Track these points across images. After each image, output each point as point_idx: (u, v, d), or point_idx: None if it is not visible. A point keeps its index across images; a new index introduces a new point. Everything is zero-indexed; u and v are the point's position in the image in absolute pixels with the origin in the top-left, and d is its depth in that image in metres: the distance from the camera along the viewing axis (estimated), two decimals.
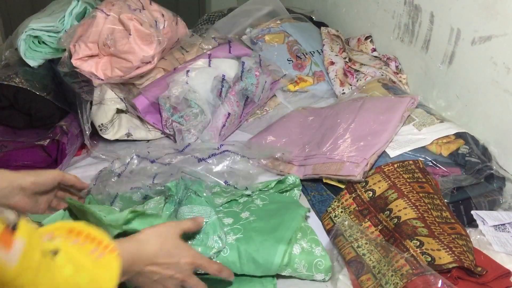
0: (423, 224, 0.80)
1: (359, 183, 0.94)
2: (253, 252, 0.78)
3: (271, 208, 0.89)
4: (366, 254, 0.80)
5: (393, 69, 1.35)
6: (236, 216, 0.86)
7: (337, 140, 1.03)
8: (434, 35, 1.18)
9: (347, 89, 1.37)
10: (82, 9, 1.35)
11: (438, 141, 1.00)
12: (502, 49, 0.97)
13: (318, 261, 0.79)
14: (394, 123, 1.03)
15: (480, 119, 1.07)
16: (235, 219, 0.85)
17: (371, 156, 0.96)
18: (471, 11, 1.04)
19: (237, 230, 0.82)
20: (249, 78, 1.23)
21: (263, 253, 0.77)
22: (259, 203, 0.91)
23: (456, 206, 0.91)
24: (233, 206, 0.91)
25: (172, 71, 1.27)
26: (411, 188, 0.87)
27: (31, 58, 1.25)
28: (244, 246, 0.78)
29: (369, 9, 1.48)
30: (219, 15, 1.76)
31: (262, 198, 0.93)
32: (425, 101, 1.22)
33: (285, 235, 0.80)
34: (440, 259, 0.73)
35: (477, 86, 1.06)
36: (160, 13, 1.34)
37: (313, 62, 1.48)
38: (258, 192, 0.94)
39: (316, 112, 1.23)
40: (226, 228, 0.82)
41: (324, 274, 0.80)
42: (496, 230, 0.86)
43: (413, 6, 1.25)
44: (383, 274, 0.74)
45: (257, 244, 0.78)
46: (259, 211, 0.88)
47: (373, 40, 1.46)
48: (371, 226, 0.86)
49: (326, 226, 0.93)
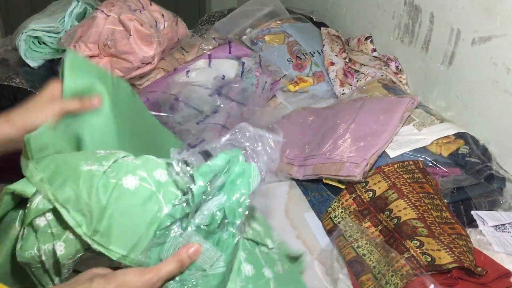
0: (423, 224, 0.80)
1: (359, 184, 0.94)
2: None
3: (290, 283, 0.71)
4: (366, 254, 0.80)
5: (393, 70, 1.35)
6: (258, 267, 0.64)
7: (337, 140, 1.03)
8: (434, 35, 1.18)
9: (347, 89, 1.37)
10: (82, 9, 1.35)
11: (438, 141, 1.00)
12: (502, 49, 0.97)
13: None
14: (394, 124, 1.03)
15: (480, 120, 1.07)
16: (257, 273, 0.63)
17: (371, 157, 0.96)
18: (471, 11, 1.04)
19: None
20: (249, 78, 1.23)
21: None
22: (280, 267, 0.70)
23: (456, 207, 0.91)
24: (255, 248, 0.68)
25: (172, 71, 1.28)
26: (411, 189, 0.87)
27: (31, 59, 1.25)
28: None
29: (369, 10, 1.48)
30: (219, 15, 1.76)
31: (283, 263, 0.72)
32: (425, 102, 1.22)
33: None
34: (440, 259, 0.73)
35: (477, 87, 1.06)
36: (160, 13, 1.35)
37: (313, 63, 1.48)
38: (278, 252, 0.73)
39: (316, 112, 1.23)
40: (240, 283, 0.60)
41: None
42: (496, 231, 0.86)
43: (413, 7, 1.25)
44: (383, 275, 0.74)
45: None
46: (281, 277, 0.68)
47: (373, 41, 1.46)
48: (371, 227, 0.86)
49: (326, 226, 0.93)
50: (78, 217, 0.57)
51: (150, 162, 0.63)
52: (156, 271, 0.54)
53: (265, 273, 0.64)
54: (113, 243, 0.57)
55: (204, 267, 0.58)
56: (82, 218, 0.57)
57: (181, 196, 0.59)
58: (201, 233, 0.58)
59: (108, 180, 0.58)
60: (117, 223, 0.57)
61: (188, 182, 0.58)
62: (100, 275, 0.54)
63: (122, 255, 0.57)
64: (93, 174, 0.59)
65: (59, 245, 0.58)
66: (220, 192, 0.60)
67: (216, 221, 0.59)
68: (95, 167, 0.60)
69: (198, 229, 0.58)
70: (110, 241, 0.57)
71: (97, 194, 0.57)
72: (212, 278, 0.58)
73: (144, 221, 0.58)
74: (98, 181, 0.58)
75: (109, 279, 0.53)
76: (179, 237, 0.58)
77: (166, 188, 0.60)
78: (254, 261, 0.64)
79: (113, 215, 0.57)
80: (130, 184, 0.59)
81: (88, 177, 0.58)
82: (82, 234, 0.57)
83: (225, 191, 0.60)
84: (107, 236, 0.57)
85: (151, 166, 0.62)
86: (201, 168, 0.59)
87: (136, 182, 0.59)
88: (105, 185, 0.58)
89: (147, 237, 0.57)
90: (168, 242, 0.57)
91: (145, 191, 0.59)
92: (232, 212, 0.59)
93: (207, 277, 0.58)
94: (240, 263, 0.61)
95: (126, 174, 0.59)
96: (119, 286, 0.52)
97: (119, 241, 0.57)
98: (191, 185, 0.57)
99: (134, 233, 0.58)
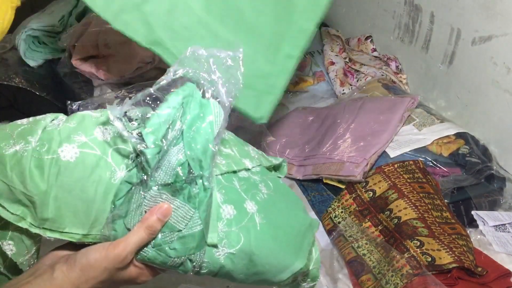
0: (423, 224, 0.80)
1: (359, 183, 0.94)
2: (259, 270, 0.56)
3: (278, 205, 0.63)
4: (366, 254, 0.80)
5: (393, 69, 1.35)
6: (239, 204, 0.56)
7: (337, 140, 1.03)
8: (434, 35, 1.18)
9: (347, 89, 1.37)
10: (82, 9, 1.35)
11: (438, 141, 1.00)
12: (502, 49, 0.97)
13: (312, 269, 0.63)
14: (394, 123, 1.03)
15: (481, 119, 1.07)
16: (239, 211, 0.55)
17: (371, 156, 0.96)
18: (471, 11, 1.04)
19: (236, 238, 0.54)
20: None
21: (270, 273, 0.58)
22: (264, 190, 0.62)
23: (457, 206, 0.91)
24: (233, 181, 0.59)
25: None
26: (412, 188, 0.87)
27: (31, 58, 1.25)
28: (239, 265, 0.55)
29: (369, 9, 1.47)
30: None
31: (267, 184, 0.64)
32: (426, 101, 1.22)
33: (299, 254, 0.60)
34: (440, 259, 0.73)
35: (477, 86, 1.06)
36: None
37: (313, 62, 1.48)
38: (260, 170, 0.66)
39: (316, 112, 1.23)
40: (223, 229, 0.53)
41: (311, 282, 0.65)
42: (497, 231, 0.86)
43: (413, 6, 1.25)
44: (383, 274, 0.74)
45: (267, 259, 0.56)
46: (266, 204, 0.60)
47: (373, 40, 1.46)
48: (371, 226, 0.86)
49: (326, 226, 0.93)
50: (18, 210, 0.50)
51: (86, 120, 0.53)
52: (124, 245, 0.48)
53: (247, 208, 0.56)
54: (68, 225, 0.50)
55: (179, 228, 0.50)
56: (24, 209, 0.50)
57: (133, 155, 0.51)
58: (167, 190, 0.49)
59: (41, 157, 0.49)
60: (66, 203, 0.49)
61: (137, 142, 0.48)
62: (63, 259, 0.49)
63: (83, 234, 0.51)
64: (20, 156, 0.49)
65: (7, 244, 0.52)
66: (179, 141, 0.50)
67: (181, 177, 0.49)
68: (20, 146, 0.50)
69: (163, 187, 0.49)
70: (64, 224, 0.50)
71: (32, 179, 0.48)
72: (191, 239, 0.50)
73: (97, 192, 0.50)
74: (28, 163, 0.49)
75: (71, 264, 0.47)
76: (143, 199, 0.49)
77: (115, 146, 0.51)
78: (233, 199, 0.55)
79: (58, 196, 0.49)
80: (69, 155, 0.49)
81: (15, 161, 0.49)
82: (28, 226, 0.50)
83: (184, 140, 0.50)
84: (59, 220, 0.50)
85: (89, 125, 0.52)
86: (150, 121, 0.48)
87: (76, 150, 0.50)
88: (39, 165, 0.49)
89: (105, 209, 0.50)
90: (132, 210, 0.50)
91: (89, 158, 0.50)
92: (197, 164, 0.50)
93: (184, 238, 0.50)
94: (218, 208, 0.53)
95: (60, 145, 0.50)
96: (84, 269, 0.47)
97: (75, 221, 0.50)
98: (141, 146, 0.47)
99: (89, 208, 0.50)
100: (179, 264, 0.51)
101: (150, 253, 0.50)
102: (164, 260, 0.51)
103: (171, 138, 0.49)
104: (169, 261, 0.51)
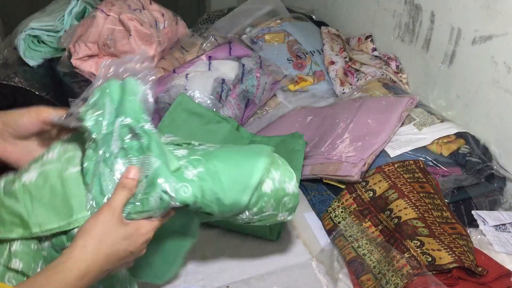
0: (423, 224, 0.79)
1: (360, 183, 0.93)
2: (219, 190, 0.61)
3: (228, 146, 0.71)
4: (367, 254, 0.80)
5: (394, 69, 1.35)
6: (190, 152, 0.65)
7: (336, 140, 1.03)
8: (435, 34, 1.18)
9: (347, 88, 1.37)
10: (82, 8, 1.35)
11: (438, 141, 1.00)
12: (502, 48, 0.97)
13: (287, 200, 0.68)
14: (393, 123, 1.03)
15: (481, 119, 1.06)
16: (190, 152, 0.64)
17: (369, 156, 0.96)
18: (471, 10, 1.03)
19: (197, 162, 0.62)
20: (250, 79, 1.23)
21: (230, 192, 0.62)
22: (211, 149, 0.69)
23: (457, 206, 0.91)
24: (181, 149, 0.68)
25: (172, 72, 1.27)
26: (412, 188, 0.87)
27: (31, 58, 1.25)
28: (208, 183, 0.61)
29: (370, 9, 1.47)
30: (219, 14, 1.76)
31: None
32: (426, 101, 1.22)
33: (262, 151, 0.66)
34: (440, 259, 0.73)
35: (477, 86, 1.06)
36: (160, 13, 1.34)
37: (313, 62, 1.48)
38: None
39: (315, 111, 1.23)
40: (181, 161, 0.61)
41: (289, 213, 0.70)
42: (497, 230, 0.86)
43: (413, 6, 1.25)
44: (384, 274, 0.74)
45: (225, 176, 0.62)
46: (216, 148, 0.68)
47: (374, 40, 1.46)
48: (371, 226, 0.86)
49: (326, 226, 0.93)
50: (13, 230, 0.59)
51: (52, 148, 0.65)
52: (108, 206, 0.56)
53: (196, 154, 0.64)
54: (56, 221, 0.59)
55: (145, 175, 0.58)
56: (16, 226, 0.59)
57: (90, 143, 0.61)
58: (123, 155, 0.59)
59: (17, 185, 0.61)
60: (45, 204, 0.59)
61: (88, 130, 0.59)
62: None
63: (74, 220, 0.59)
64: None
65: (14, 262, 0.59)
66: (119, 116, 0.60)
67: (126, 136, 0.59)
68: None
69: (119, 154, 0.59)
70: (51, 221, 0.59)
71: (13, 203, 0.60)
72: (156, 174, 0.58)
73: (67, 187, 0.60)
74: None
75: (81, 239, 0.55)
76: (109, 173, 0.59)
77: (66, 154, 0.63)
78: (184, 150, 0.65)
79: (35, 201, 0.59)
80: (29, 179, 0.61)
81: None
82: (20, 236, 0.59)
83: (118, 111, 0.60)
84: (46, 220, 0.59)
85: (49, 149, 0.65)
86: (84, 108, 0.61)
87: (35, 173, 0.61)
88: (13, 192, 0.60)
89: (79, 194, 0.59)
90: (104, 181, 0.59)
91: (49, 174, 0.61)
92: (135, 120, 0.59)
93: (152, 177, 0.58)
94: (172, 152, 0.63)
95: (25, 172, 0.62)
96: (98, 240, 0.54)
97: (58, 215, 0.59)
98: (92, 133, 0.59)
99: (65, 200, 0.60)
100: (159, 202, 0.58)
101: (131, 208, 0.58)
102: (146, 207, 0.58)
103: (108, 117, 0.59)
104: (150, 203, 0.58)
